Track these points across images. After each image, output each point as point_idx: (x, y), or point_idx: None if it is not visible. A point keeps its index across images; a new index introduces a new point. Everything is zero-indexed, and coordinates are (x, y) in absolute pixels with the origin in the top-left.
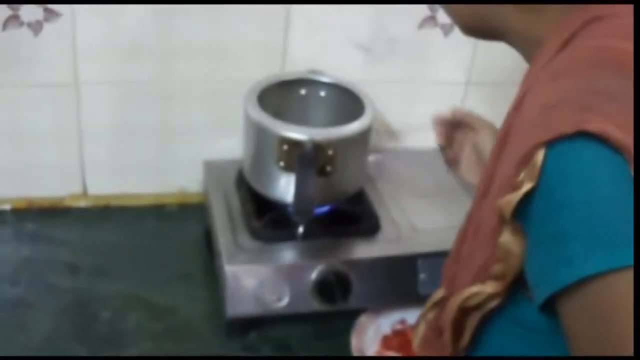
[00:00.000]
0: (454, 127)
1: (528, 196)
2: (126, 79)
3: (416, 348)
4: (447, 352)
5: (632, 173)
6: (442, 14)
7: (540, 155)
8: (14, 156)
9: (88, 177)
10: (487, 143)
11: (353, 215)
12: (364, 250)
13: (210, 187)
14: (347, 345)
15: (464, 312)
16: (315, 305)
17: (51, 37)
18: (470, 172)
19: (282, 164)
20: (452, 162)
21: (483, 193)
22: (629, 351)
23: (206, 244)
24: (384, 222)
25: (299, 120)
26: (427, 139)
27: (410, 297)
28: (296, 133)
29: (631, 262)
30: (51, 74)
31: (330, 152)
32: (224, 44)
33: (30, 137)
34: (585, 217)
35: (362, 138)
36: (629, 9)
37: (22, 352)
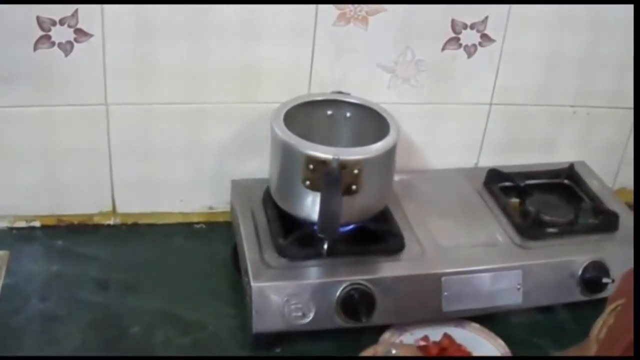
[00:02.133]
0: None
1: None
2: (155, 99)
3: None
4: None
5: None
6: (465, 36)
7: None
8: (44, 174)
9: (117, 195)
10: None
11: (378, 234)
12: (389, 268)
13: (238, 206)
14: None
15: None
16: (340, 321)
17: (82, 57)
18: None
19: (308, 183)
20: None
21: None
22: None
23: (233, 261)
24: (409, 240)
25: (325, 140)
26: (451, 159)
27: (434, 314)
28: (322, 152)
29: None
30: (81, 94)
31: (355, 171)
32: (252, 66)
33: (61, 156)
34: None
35: (387, 157)
36: None
37: None
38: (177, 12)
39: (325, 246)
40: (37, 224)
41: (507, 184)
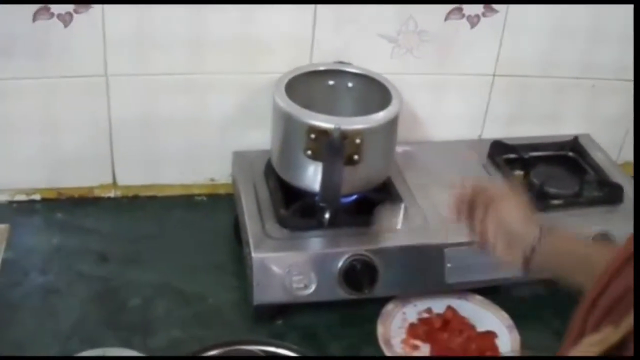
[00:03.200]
0: (472, 205)
1: None
2: (155, 70)
3: None
4: None
5: None
6: (468, 6)
7: None
8: (44, 147)
9: (117, 167)
10: (510, 215)
11: (380, 204)
12: (391, 238)
13: (239, 177)
14: (373, 332)
15: None
16: (342, 293)
17: (81, 29)
18: (508, 251)
19: (309, 152)
20: (483, 247)
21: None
22: None
23: (235, 233)
24: (411, 211)
25: (327, 110)
26: (454, 130)
27: (437, 286)
28: (323, 122)
29: None
30: (81, 65)
31: (357, 141)
32: (253, 36)
33: (60, 128)
34: None
35: (389, 127)
36: None
37: (52, 338)
38: None
39: (327, 216)
40: (37, 197)
41: (511, 155)
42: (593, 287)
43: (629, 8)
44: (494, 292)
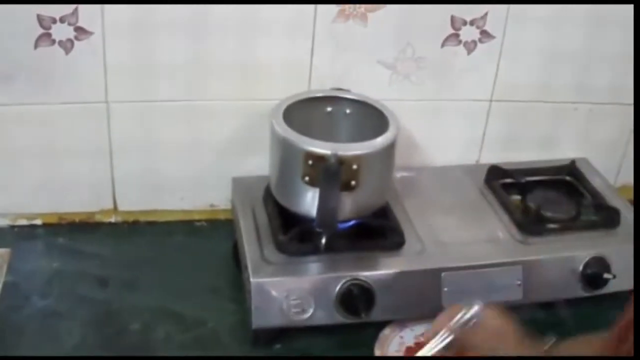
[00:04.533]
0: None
1: None
2: (156, 96)
3: None
4: None
5: None
6: (465, 32)
7: None
8: (45, 172)
9: (118, 193)
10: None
11: (378, 230)
12: (388, 264)
13: (238, 203)
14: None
15: None
16: (339, 317)
17: (82, 55)
18: None
19: (307, 178)
20: None
21: None
22: None
23: (234, 257)
24: (409, 236)
25: (325, 137)
26: (452, 155)
27: (434, 310)
28: (320, 148)
29: None
30: (82, 92)
31: (354, 167)
32: (252, 63)
33: (61, 154)
34: None
35: (387, 153)
36: None
37: None
38: (177, 10)
39: (324, 241)
40: (38, 222)
41: (508, 180)
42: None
43: (625, 30)
44: None
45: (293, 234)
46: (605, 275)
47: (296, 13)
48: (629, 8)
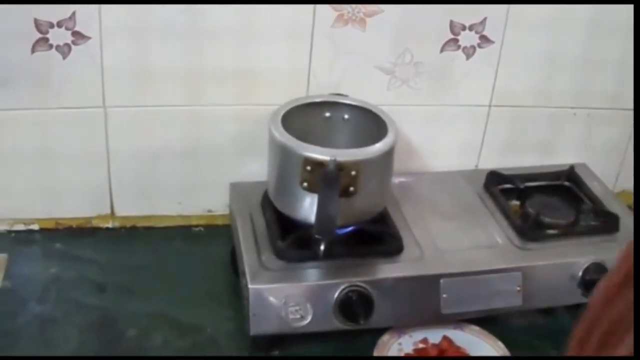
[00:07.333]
0: None
1: None
2: (153, 101)
3: None
4: None
5: None
6: (464, 37)
7: None
8: (43, 177)
9: (115, 198)
10: None
11: (376, 236)
12: (387, 270)
13: (236, 209)
14: None
15: None
16: (338, 324)
17: (79, 60)
18: None
19: (305, 184)
20: None
21: None
22: None
23: (232, 263)
24: (407, 242)
25: (323, 142)
26: (450, 161)
27: (433, 316)
28: (319, 154)
29: None
30: (79, 97)
31: (353, 173)
32: (250, 68)
33: (59, 159)
34: None
35: (385, 159)
36: None
37: None
38: (174, 15)
39: (322, 247)
40: (35, 227)
41: (507, 186)
42: (585, 317)
43: (625, 35)
44: (490, 322)
45: (291, 240)
46: None
47: (294, 18)
48: (628, 14)
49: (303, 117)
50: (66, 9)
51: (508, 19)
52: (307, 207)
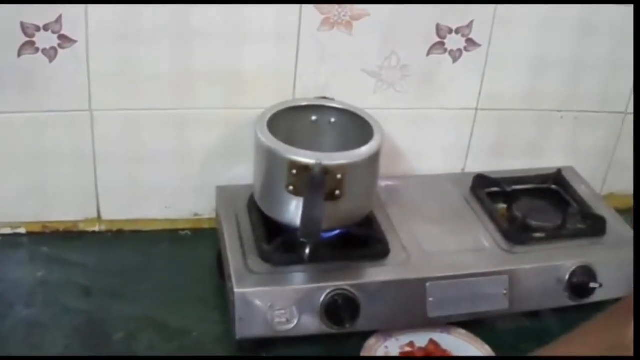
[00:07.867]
0: None
1: None
2: (139, 105)
3: None
4: None
5: None
6: (450, 40)
7: None
8: (29, 180)
9: (102, 201)
10: None
11: (362, 239)
12: (373, 273)
13: (222, 212)
14: None
15: None
16: (324, 327)
17: (66, 64)
18: None
19: (291, 188)
20: None
21: None
22: None
23: (218, 267)
24: (394, 246)
25: (309, 146)
26: (437, 164)
27: (419, 320)
28: (305, 157)
29: None
30: (66, 100)
31: (339, 176)
32: (236, 71)
33: (45, 162)
34: None
35: (371, 162)
36: None
37: None
38: (161, 17)
39: (307, 251)
40: (22, 230)
41: (494, 189)
42: None
43: (613, 38)
44: (476, 325)
45: (277, 243)
46: (592, 285)
47: (281, 21)
48: (616, 15)
49: (289, 121)
50: (53, 13)
51: (495, 22)
52: (293, 211)
